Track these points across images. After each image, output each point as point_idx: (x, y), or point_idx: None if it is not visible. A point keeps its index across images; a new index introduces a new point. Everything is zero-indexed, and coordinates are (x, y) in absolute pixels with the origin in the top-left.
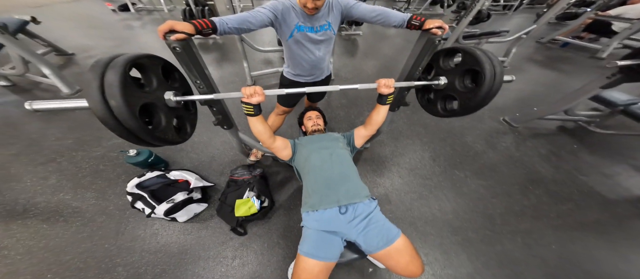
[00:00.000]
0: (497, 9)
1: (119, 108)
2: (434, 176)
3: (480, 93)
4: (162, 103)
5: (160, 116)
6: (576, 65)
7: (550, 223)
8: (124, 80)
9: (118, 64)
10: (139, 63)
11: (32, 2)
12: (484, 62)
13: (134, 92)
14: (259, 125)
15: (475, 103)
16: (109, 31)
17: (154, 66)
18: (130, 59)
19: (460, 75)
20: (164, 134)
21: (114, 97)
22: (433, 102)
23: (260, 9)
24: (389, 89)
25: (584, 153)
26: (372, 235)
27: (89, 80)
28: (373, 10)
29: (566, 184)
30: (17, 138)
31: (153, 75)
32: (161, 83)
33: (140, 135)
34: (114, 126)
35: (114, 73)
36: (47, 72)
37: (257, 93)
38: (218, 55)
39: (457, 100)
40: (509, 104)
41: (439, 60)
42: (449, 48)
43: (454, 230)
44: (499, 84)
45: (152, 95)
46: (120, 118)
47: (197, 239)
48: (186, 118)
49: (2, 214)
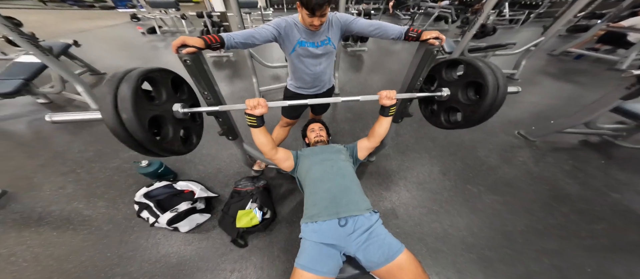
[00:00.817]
0: (503, 23)
1: (130, 121)
2: (444, 191)
3: (484, 105)
4: (170, 115)
5: (168, 128)
6: (593, 77)
7: (581, 243)
8: (136, 94)
9: (131, 78)
10: (151, 76)
11: (76, 28)
12: (487, 74)
13: (144, 105)
14: (262, 136)
15: (479, 116)
16: (137, 52)
17: (164, 79)
18: (142, 73)
19: (463, 87)
20: (171, 145)
21: (125, 110)
22: (436, 113)
23: (265, 25)
24: (390, 101)
25: (614, 169)
26: (373, 250)
27: (104, 93)
28: (371, 24)
29: (597, 202)
30: (45, 150)
31: (163, 88)
32: (170, 96)
33: (148, 146)
34: (125, 138)
35: (127, 87)
36: (80, 90)
37: (260, 105)
38: (230, 72)
39: (460, 112)
40: (524, 117)
41: (442, 71)
42: (451, 59)
43: (468, 247)
44: (502, 96)
45: (161, 108)
46: (131, 130)
47: (197, 250)
48: (192, 130)
49: (19, 221)
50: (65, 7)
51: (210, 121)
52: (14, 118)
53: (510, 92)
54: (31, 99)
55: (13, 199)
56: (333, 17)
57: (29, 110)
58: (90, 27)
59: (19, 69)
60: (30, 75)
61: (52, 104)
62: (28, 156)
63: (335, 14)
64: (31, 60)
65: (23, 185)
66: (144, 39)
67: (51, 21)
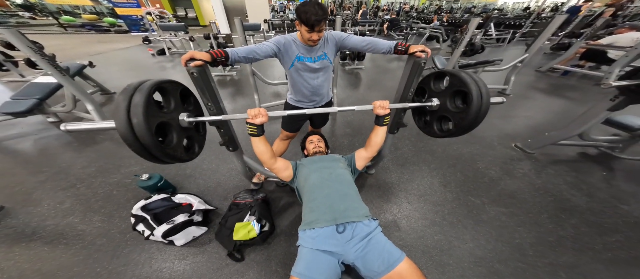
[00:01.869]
0: (490, 42)
1: (139, 125)
2: (447, 203)
3: (471, 112)
4: (176, 123)
5: (173, 134)
6: (583, 92)
7: (598, 256)
8: (147, 102)
9: (145, 87)
10: (162, 87)
11: (92, 51)
12: (470, 83)
13: (153, 112)
14: (262, 145)
15: (468, 123)
16: (146, 72)
17: (173, 90)
18: (155, 83)
19: (450, 97)
20: (174, 151)
21: (136, 115)
22: (429, 123)
23: (266, 42)
24: (384, 110)
25: (618, 180)
26: (372, 258)
27: (119, 101)
28: (363, 40)
29: (607, 214)
30: (49, 166)
31: (172, 98)
32: (178, 106)
33: (153, 150)
34: (132, 141)
35: (140, 95)
36: (90, 108)
37: (260, 114)
38: (233, 89)
39: (451, 120)
40: (519, 130)
41: (430, 83)
42: (437, 72)
43: (477, 260)
44: (487, 104)
45: (168, 115)
46: (138, 134)
47: (191, 265)
48: (195, 139)
49: (12, 236)
50: (83, 32)
51: (212, 137)
52: (22, 137)
53: (495, 102)
54: (42, 118)
55: (9, 214)
56: (329, 34)
57: (38, 128)
58: (105, 49)
59: (35, 89)
60: (44, 95)
61: (62, 122)
62: (31, 173)
63: (331, 32)
64: (46, 81)
65: (21, 200)
66: (154, 60)
67: (70, 45)
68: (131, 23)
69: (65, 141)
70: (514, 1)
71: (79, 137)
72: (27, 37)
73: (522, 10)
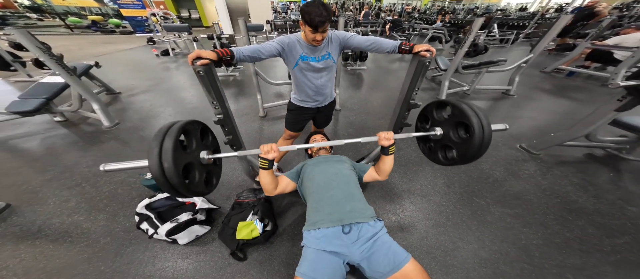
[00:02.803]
0: (494, 43)
1: (169, 169)
2: (451, 203)
3: (474, 143)
4: (197, 161)
5: (195, 172)
6: (588, 93)
7: (606, 258)
8: (176, 147)
9: (173, 133)
10: (186, 129)
11: (98, 51)
12: (471, 116)
13: (180, 155)
14: (269, 177)
15: (472, 153)
16: (150, 73)
17: (194, 130)
18: (181, 128)
19: (453, 127)
20: (196, 188)
21: (167, 160)
22: (434, 150)
23: (271, 42)
24: (388, 141)
25: (626, 182)
26: (378, 259)
27: (152, 147)
28: (367, 40)
29: (614, 215)
30: (55, 165)
31: (193, 137)
32: (198, 144)
33: (180, 189)
34: (163, 182)
35: (169, 141)
36: (96, 108)
37: (272, 150)
38: (236, 90)
39: (454, 149)
40: (524, 131)
41: (433, 111)
42: (438, 101)
43: (482, 262)
44: (489, 134)
45: (191, 155)
46: (168, 176)
47: (194, 264)
48: (214, 172)
49: (17, 234)
50: (89, 33)
51: (218, 137)
52: (29, 136)
53: (497, 129)
54: (48, 117)
55: (15, 212)
56: (332, 34)
57: (44, 127)
58: (111, 50)
59: (42, 89)
60: (51, 94)
61: (67, 122)
62: (37, 171)
63: (335, 32)
64: (53, 81)
65: (27, 198)
66: (158, 60)
67: (76, 45)
68: (136, 24)
69: (71, 141)
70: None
71: (85, 137)
72: (37, 38)
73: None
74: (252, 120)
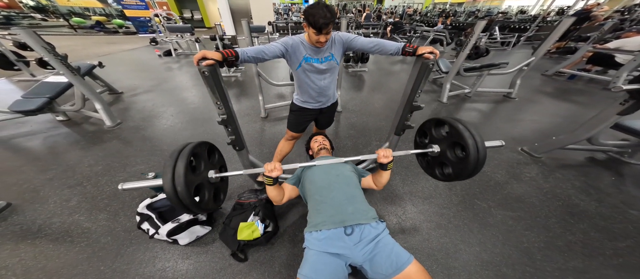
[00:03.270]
0: (495, 45)
1: (182, 192)
2: (452, 206)
3: (470, 163)
4: (206, 182)
5: (205, 192)
6: (590, 96)
7: (608, 262)
8: (187, 171)
9: (184, 155)
10: (195, 152)
11: (101, 52)
12: (467, 138)
13: (191, 177)
14: (276, 190)
15: (467, 172)
16: (153, 73)
17: (202, 151)
18: (190, 151)
19: (450, 146)
20: (206, 205)
21: (180, 184)
22: (431, 165)
23: (274, 43)
24: (387, 159)
25: (628, 186)
26: (380, 261)
27: (166, 170)
28: (370, 41)
29: (616, 219)
30: (57, 164)
31: (202, 159)
32: (206, 164)
33: (192, 208)
34: (177, 203)
35: (181, 165)
36: (99, 108)
37: (276, 169)
38: (237, 91)
39: (450, 167)
40: (526, 134)
41: (432, 129)
42: (437, 119)
43: (484, 264)
44: (483, 156)
45: (200, 176)
46: (181, 197)
47: (194, 265)
48: (221, 189)
49: (18, 233)
50: (93, 33)
51: (217, 137)
52: (32, 135)
53: (493, 146)
54: (51, 117)
55: (16, 211)
56: (336, 35)
57: (47, 127)
58: (114, 50)
59: (45, 88)
60: (54, 94)
61: (69, 121)
62: (39, 170)
63: (338, 33)
64: (57, 80)
65: (29, 197)
66: (160, 61)
67: (80, 45)
68: (139, 25)
69: (73, 140)
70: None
71: (87, 136)
72: (42, 38)
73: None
74: (253, 121)
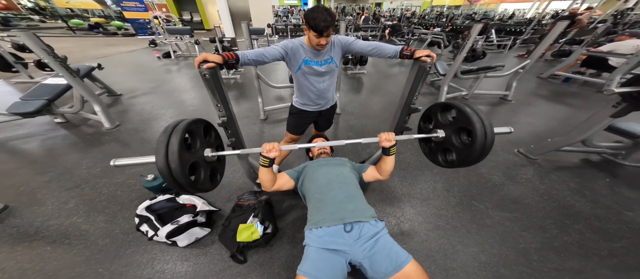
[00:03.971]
0: (491, 48)
1: (176, 170)
2: (450, 207)
3: (475, 149)
4: (202, 160)
5: (200, 171)
6: (584, 99)
7: (603, 262)
8: (181, 148)
9: (178, 131)
10: (190, 129)
11: (100, 53)
12: (475, 122)
13: (185, 155)
14: (269, 174)
15: (472, 159)
16: (152, 75)
17: (198, 128)
18: (185, 127)
19: (456, 131)
20: (202, 185)
21: (173, 161)
22: (434, 151)
23: (274, 46)
24: (389, 142)
25: (622, 187)
26: (380, 258)
27: (159, 147)
28: (369, 45)
29: (611, 220)
30: (55, 166)
31: (198, 136)
32: (202, 142)
33: (187, 187)
34: (171, 180)
35: (175, 141)
36: (97, 110)
37: (274, 149)
38: (237, 93)
39: (455, 153)
40: (522, 136)
41: (438, 113)
42: (444, 103)
43: (482, 265)
44: (491, 141)
45: (196, 155)
46: (175, 175)
47: (193, 267)
48: (217, 169)
49: (15, 236)
50: (91, 35)
51: None
52: (29, 137)
53: (502, 132)
54: (49, 119)
55: (13, 214)
56: (335, 38)
57: (45, 129)
58: (113, 52)
59: (44, 90)
60: (53, 96)
61: (68, 123)
62: (36, 172)
63: (337, 36)
64: (56, 82)
65: (26, 199)
66: (159, 62)
67: (79, 47)
68: (138, 26)
69: (71, 142)
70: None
71: (85, 138)
72: (42, 40)
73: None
74: (253, 123)
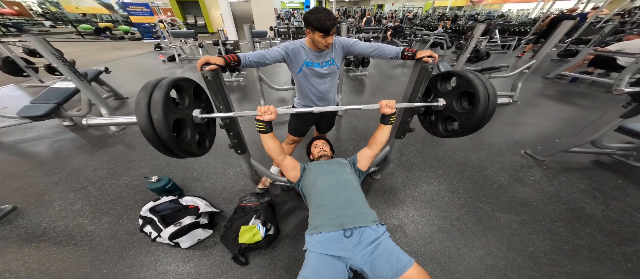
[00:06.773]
0: (495, 49)
1: (158, 121)
2: (455, 209)
3: (477, 113)
4: (190, 119)
5: (187, 130)
6: (593, 99)
7: (617, 266)
8: (166, 99)
9: (163, 85)
10: (178, 84)
11: (107, 57)
12: (477, 85)
13: (171, 109)
14: (271, 142)
15: (473, 123)
16: (157, 78)
17: (188, 87)
18: (172, 81)
19: (457, 97)
20: (188, 146)
21: (156, 112)
22: (434, 123)
23: (276, 47)
24: (390, 109)
25: (634, 189)
26: (380, 263)
27: (140, 97)
28: (370, 46)
29: (624, 223)
30: (62, 168)
31: (186, 95)
32: (191, 102)
33: (170, 145)
34: (152, 136)
35: (159, 92)
36: (104, 112)
37: (269, 111)
38: (239, 95)
39: (456, 120)
40: (528, 137)
41: (437, 83)
42: (444, 72)
43: (488, 269)
44: (493, 104)
45: (183, 112)
46: (158, 129)
47: (195, 268)
48: (206, 135)
49: (22, 237)
50: (99, 39)
51: (219, 141)
52: (39, 139)
53: (501, 102)
54: (58, 122)
55: (21, 215)
56: (336, 40)
57: (53, 131)
58: (119, 56)
59: (53, 94)
60: (62, 99)
61: (75, 126)
62: (45, 174)
63: (338, 38)
64: (65, 86)
65: (34, 201)
66: (164, 65)
67: (87, 51)
68: (144, 30)
69: (79, 145)
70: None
71: (92, 141)
72: (52, 45)
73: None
74: (254, 125)
